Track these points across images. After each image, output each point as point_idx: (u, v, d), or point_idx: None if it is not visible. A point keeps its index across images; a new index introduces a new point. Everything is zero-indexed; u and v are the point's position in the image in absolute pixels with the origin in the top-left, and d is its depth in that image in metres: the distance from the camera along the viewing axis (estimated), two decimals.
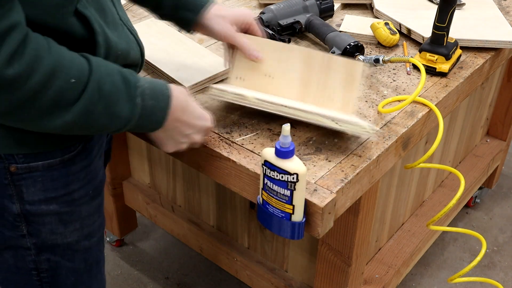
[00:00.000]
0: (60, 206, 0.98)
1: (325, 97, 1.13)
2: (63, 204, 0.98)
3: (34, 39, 0.78)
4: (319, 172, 1.00)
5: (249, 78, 1.14)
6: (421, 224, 1.73)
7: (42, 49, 0.78)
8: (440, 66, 1.28)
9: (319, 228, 0.96)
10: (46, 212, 0.97)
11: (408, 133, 1.14)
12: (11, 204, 0.94)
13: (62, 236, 1.01)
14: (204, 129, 1.02)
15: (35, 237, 0.98)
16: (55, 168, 0.94)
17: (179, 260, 2.02)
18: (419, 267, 1.99)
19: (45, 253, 1.01)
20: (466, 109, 1.80)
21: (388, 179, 1.49)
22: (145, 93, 0.89)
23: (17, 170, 0.91)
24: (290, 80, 1.14)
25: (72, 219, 1.01)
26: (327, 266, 1.33)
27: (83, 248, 1.05)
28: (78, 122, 0.84)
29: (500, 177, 2.36)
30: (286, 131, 0.89)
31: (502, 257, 2.08)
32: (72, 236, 1.02)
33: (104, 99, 0.85)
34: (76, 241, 1.03)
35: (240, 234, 1.60)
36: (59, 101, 0.81)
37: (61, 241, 1.01)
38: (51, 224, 0.98)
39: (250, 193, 1.04)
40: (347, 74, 1.13)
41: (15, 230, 0.97)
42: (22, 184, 0.93)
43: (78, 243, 1.04)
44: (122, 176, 1.85)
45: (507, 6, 1.62)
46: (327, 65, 1.14)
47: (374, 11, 1.53)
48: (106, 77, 0.85)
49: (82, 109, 0.83)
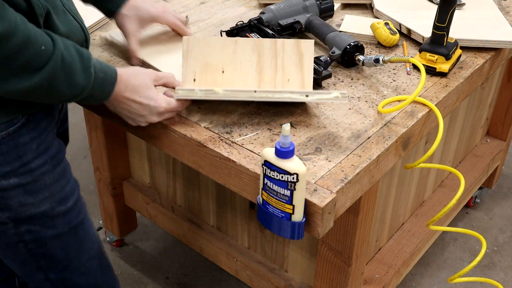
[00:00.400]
0: (20, 178, 1.01)
1: (282, 80, 1.16)
2: (22, 175, 1.02)
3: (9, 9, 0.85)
4: (319, 172, 1.00)
5: (203, 78, 1.15)
6: (421, 224, 1.73)
7: (18, 17, 0.86)
8: (440, 66, 1.28)
9: (319, 228, 0.96)
10: (8, 186, 1.01)
11: (408, 133, 1.14)
12: None
13: (34, 206, 1.05)
14: (155, 111, 1.08)
15: (7, 211, 1.03)
16: (2, 142, 0.98)
17: (179, 260, 2.02)
18: (419, 267, 1.99)
19: (23, 225, 1.06)
20: (466, 109, 1.80)
21: (388, 179, 1.49)
22: (96, 66, 0.99)
23: None
24: (245, 71, 1.16)
25: (38, 188, 1.05)
26: (327, 266, 1.33)
27: (61, 213, 1.10)
28: (41, 86, 0.92)
29: (500, 177, 2.36)
30: (286, 131, 0.89)
31: (502, 257, 2.08)
32: (44, 204, 1.06)
33: (64, 67, 0.93)
34: (51, 208, 1.08)
35: (240, 234, 1.60)
36: (30, 65, 0.89)
37: (34, 211, 1.05)
38: (18, 196, 1.02)
39: (250, 193, 1.04)
40: (297, 54, 1.16)
41: None
42: None
43: (53, 210, 1.08)
44: (122, 176, 1.85)
45: (507, 6, 1.62)
46: (277, 49, 1.17)
47: (374, 11, 1.53)
48: (66, 49, 0.94)
49: (47, 74, 0.91)
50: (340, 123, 1.13)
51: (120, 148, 1.78)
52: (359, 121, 1.13)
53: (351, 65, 1.30)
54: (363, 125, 1.12)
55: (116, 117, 1.12)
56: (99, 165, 1.83)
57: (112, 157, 1.78)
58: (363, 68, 1.31)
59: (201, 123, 1.12)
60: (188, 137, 1.09)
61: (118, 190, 1.86)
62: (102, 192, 1.90)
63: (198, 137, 1.08)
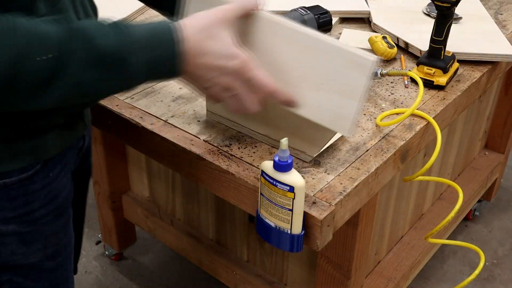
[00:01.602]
0: (20, 226, 0.92)
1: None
2: (23, 224, 0.93)
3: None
4: (318, 184, 1.01)
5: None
6: (420, 237, 1.73)
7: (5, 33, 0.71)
8: (437, 79, 1.29)
9: (318, 241, 0.96)
10: (5, 232, 0.92)
11: (406, 146, 1.14)
12: None
13: (24, 257, 0.96)
14: (236, 71, 0.86)
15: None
16: (12, 187, 0.89)
17: (179, 273, 2.01)
18: (418, 280, 1.98)
19: (7, 273, 0.96)
20: (464, 122, 1.81)
21: (387, 191, 1.49)
22: (142, 46, 0.79)
23: None
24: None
25: (34, 239, 0.96)
26: (327, 279, 1.32)
27: (48, 269, 1.01)
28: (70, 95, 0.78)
29: (499, 190, 2.37)
30: (284, 145, 0.89)
31: (501, 270, 2.08)
32: (35, 256, 0.97)
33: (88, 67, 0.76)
34: (40, 261, 0.98)
35: (239, 247, 1.60)
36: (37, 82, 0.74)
37: (23, 262, 0.96)
38: (11, 244, 0.93)
39: (249, 206, 1.04)
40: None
41: None
42: None
43: (42, 263, 0.99)
44: (121, 190, 1.85)
45: (503, 20, 1.63)
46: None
47: (372, 25, 1.55)
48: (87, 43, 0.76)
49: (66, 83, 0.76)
50: (338, 135, 1.13)
51: (119, 161, 1.79)
52: (358, 134, 1.14)
53: None
54: (361, 138, 1.13)
55: (114, 130, 1.11)
56: (98, 178, 1.83)
57: (112, 170, 1.79)
58: None
59: (200, 136, 1.12)
60: (187, 150, 1.09)
61: (117, 204, 1.86)
62: (101, 205, 1.89)
63: (197, 150, 1.08)
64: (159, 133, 1.13)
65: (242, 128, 1.13)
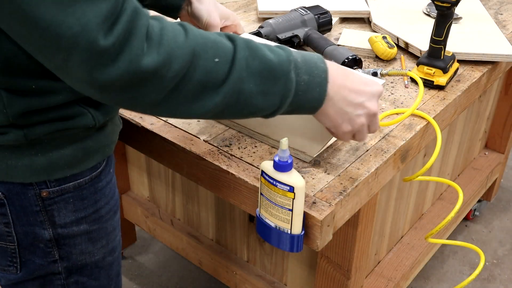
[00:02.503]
0: (89, 225, 0.96)
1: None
2: (92, 222, 0.96)
3: (168, 25, 0.75)
4: (318, 185, 1.01)
5: None
6: (420, 237, 1.73)
7: (180, 34, 0.75)
8: (437, 79, 1.29)
9: (318, 241, 0.96)
10: (77, 233, 0.95)
11: (407, 146, 1.14)
12: (42, 231, 0.91)
13: (91, 255, 0.99)
14: (376, 94, 0.92)
15: (66, 260, 0.96)
16: (84, 187, 0.93)
17: (178, 274, 2.01)
18: (418, 280, 1.98)
19: (74, 275, 0.99)
20: (464, 122, 1.81)
21: (387, 191, 1.49)
22: (298, 67, 0.83)
23: (49, 194, 0.89)
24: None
25: (100, 236, 0.99)
26: (327, 279, 1.32)
27: (107, 264, 1.04)
28: (228, 103, 0.80)
29: (499, 190, 2.37)
30: (284, 145, 0.89)
31: (502, 270, 2.08)
32: (99, 253, 1.00)
33: (253, 76, 0.80)
34: (102, 258, 1.02)
35: (239, 247, 1.60)
36: (206, 83, 0.77)
37: (89, 260, 0.99)
38: (81, 244, 0.96)
39: (249, 206, 1.04)
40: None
41: (47, 257, 0.94)
42: (54, 208, 0.91)
43: (104, 260, 1.02)
44: (121, 190, 1.85)
45: (503, 20, 1.63)
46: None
47: (372, 25, 1.55)
48: (251, 54, 0.80)
49: (231, 89, 0.79)
50: None
51: (119, 161, 1.79)
52: None
53: None
54: None
55: None
56: None
57: None
58: None
59: (200, 136, 1.12)
60: (187, 150, 1.09)
61: None
62: None
63: (197, 150, 1.08)
64: (159, 133, 1.13)
65: (242, 128, 1.13)
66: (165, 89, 0.75)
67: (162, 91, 0.75)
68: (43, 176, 0.88)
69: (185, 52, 0.75)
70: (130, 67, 0.71)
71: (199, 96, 0.78)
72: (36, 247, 0.93)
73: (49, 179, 0.88)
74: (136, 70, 0.71)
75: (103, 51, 0.69)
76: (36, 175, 0.87)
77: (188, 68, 0.75)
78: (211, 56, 0.77)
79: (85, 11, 0.67)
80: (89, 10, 0.67)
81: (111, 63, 0.70)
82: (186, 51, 0.75)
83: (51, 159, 0.87)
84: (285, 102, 0.84)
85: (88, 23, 0.67)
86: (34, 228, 0.91)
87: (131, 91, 0.74)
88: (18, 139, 0.84)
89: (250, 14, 1.65)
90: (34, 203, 0.89)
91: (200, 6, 1.15)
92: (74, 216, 0.93)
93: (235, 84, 0.79)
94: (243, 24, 1.57)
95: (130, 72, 0.71)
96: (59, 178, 0.89)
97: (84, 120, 0.87)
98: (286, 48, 0.85)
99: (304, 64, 0.84)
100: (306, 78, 0.84)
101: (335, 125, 0.91)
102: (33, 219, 0.90)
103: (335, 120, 0.90)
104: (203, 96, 0.78)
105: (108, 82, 0.71)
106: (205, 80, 0.77)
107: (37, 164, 0.86)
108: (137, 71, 0.71)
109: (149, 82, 0.73)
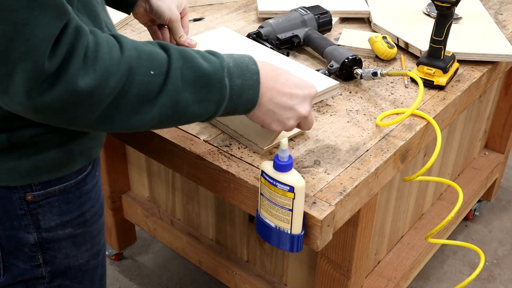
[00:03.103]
0: (74, 229, 0.95)
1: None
2: (77, 226, 0.96)
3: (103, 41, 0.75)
4: (318, 184, 1.01)
5: None
6: (420, 237, 1.73)
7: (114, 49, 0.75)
8: (437, 79, 1.29)
9: (318, 241, 0.96)
10: (62, 237, 0.94)
11: (406, 146, 1.14)
12: (27, 235, 0.91)
13: (75, 259, 0.98)
14: (308, 98, 0.93)
15: (50, 265, 0.95)
16: (70, 190, 0.92)
17: (178, 274, 2.01)
18: (418, 280, 1.98)
19: (57, 279, 0.98)
20: (464, 122, 1.81)
21: (387, 191, 1.49)
22: (231, 72, 0.85)
23: (34, 198, 0.88)
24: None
25: (85, 240, 0.99)
26: (327, 279, 1.32)
27: (91, 268, 1.03)
28: (166, 114, 0.81)
29: (499, 190, 2.37)
30: (284, 145, 0.89)
31: (502, 270, 2.08)
32: (83, 257, 1.00)
33: (188, 86, 0.81)
34: (87, 262, 1.01)
35: (239, 247, 1.60)
36: (142, 96, 0.78)
37: (73, 264, 0.99)
38: (66, 248, 0.96)
39: (249, 206, 1.04)
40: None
41: (31, 261, 0.94)
42: (39, 212, 0.90)
43: (88, 263, 1.02)
44: (121, 190, 1.85)
45: (503, 20, 1.63)
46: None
47: (372, 25, 1.55)
48: (185, 64, 0.81)
49: (168, 100, 0.80)
50: (338, 136, 1.13)
51: (119, 161, 1.79)
52: (358, 134, 1.14)
53: (349, 79, 1.31)
54: (361, 138, 1.13)
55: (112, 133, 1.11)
56: None
57: (112, 170, 1.79)
58: (361, 82, 1.32)
59: (200, 136, 1.12)
60: (187, 151, 1.09)
61: (117, 204, 1.86)
62: None
63: (197, 150, 1.08)
64: (159, 133, 1.13)
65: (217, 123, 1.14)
66: (101, 107, 0.76)
67: (98, 109, 0.76)
68: (27, 180, 0.87)
69: (120, 68, 0.75)
70: (67, 90, 0.71)
71: (136, 110, 0.78)
72: (20, 251, 0.92)
73: (34, 183, 0.88)
74: (73, 92, 0.72)
75: (45, 74, 0.69)
76: (21, 179, 0.86)
77: (124, 84, 0.75)
78: (146, 70, 0.77)
79: (36, 32, 0.67)
80: (40, 31, 0.68)
81: (49, 87, 0.70)
82: (121, 67, 0.75)
83: (36, 162, 0.86)
84: (220, 107, 0.86)
85: (39, 45, 0.68)
86: (18, 232, 0.90)
87: (68, 112, 0.74)
88: (1, 143, 0.83)
89: (250, 14, 1.65)
90: (19, 206, 0.88)
91: (159, 3, 1.13)
92: (59, 220, 0.92)
93: (171, 95, 0.80)
94: (243, 24, 1.57)
95: (67, 94, 0.71)
96: (44, 181, 0.88)
97: None
98: (218, 54, 0.86)
99: (236, 68, 0.86)
100: (239, 82, 0.86)
101: (264, 124, 0.94)
102: (17, 223, 0.89)
103: (264, 120, 0.93)
104: (140, 109, 0.79)
105: (46, 104, 0.72)
106: (141, 93, 0.77)
107: (22, 167, 0.86)
108: (74, 93, 0.72)
109: (86, 102, 0.74)
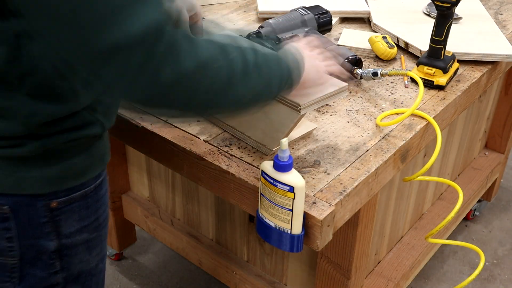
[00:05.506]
0: (90, 233, 0.96)
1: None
2: (91, 230, 0.96)
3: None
4: (318, 184, 1.01)
5: None
6: (420, 237, 1.73)
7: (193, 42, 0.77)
8: (437, 79, 1.29)
9: (318, 241, 0.96)
10: (79, 242, 0.95)
11: (407, 146, 1.14)
12: (47, 242, 0.90)
13: (87, 263, 0.99)
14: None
15: (66, 271, 0.95)
16: (90, 195, 0.93)
17: (178, 274, 2.01)
18: (418, 280, 1.98)
19: (70, 284, 0.98)
20: (464, 122, 1.81)
21: (387, 191, 1.49)
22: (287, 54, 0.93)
23: (58, 205, 0.88)
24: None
25: (96, 244, 0.99)
26: (327, 279, 1.32)
27: (98, 271, 1.04)
28: (244, 95, 0.84)
29: (499, 190, 2.36)
30: (284, 145, 0.89)
31: (501, 270, 2.08)
32: (94, 261, 1.00)
33: (269, 68, 0.86)
34: (96, 265, 1.01)
35: (239, 247, 1.60)
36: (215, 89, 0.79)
37: (85, 268, 0.99)
38: (81, 253, 0.96)
39: (249, 206, 1.04)
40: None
41: (49, 269, 0.93)
42: (61, 218, 0.90)
43: (97, 267, 1.02)
44: (121, 190, 1.85)
45: (503, 20, 1.63)
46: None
47: (372, 25, 1.55)
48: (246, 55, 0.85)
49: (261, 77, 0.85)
50: (338, 136, 1.13)
51: (119, 161, 1.79)
52: (358, 134, 1.14)
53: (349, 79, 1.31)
54: (361, 138, 1.13)
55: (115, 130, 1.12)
56: None
57: (112, 170, 1.79)
58: (361, 82, 1.32)
59: (200, 136, 1.12)
60: (187, 151, 1.09)
61: (117, 204, 1.86)
62: None
63: (197, 150, 1.08)
64: (159, 133, 1.13)
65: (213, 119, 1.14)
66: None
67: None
68: (55, 187, 0.87)
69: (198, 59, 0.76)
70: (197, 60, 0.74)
71: (215, 97, 0.80)
72: (38, 259, 0.92)
73: (60, 189, 0.88)
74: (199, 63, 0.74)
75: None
76: (49, 186, 0.87)
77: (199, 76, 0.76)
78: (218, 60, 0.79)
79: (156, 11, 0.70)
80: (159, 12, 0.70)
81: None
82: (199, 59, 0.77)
83: (63, 168, 0.87)
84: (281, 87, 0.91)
85: (164, 16, 0.71)
86: (39, 240, 0.90)
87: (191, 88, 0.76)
88: (35, 150, 0.83)
89: (250, 14, 1.65)
90: (42, 214, 0.88)
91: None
92: (78, 225, 0.93)
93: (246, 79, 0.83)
94: (243, 24, 1.57)
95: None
96: (69, 187, 0.89)
97: (95, 128, 0.88)
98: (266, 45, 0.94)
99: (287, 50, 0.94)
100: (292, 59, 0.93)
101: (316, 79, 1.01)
102: (39, 232, 0.89)
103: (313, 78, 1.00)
104: (217, 97, 0.80)
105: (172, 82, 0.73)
106: (220, 80, 0.79)
107: (50, 174, 0.86)
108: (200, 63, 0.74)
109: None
